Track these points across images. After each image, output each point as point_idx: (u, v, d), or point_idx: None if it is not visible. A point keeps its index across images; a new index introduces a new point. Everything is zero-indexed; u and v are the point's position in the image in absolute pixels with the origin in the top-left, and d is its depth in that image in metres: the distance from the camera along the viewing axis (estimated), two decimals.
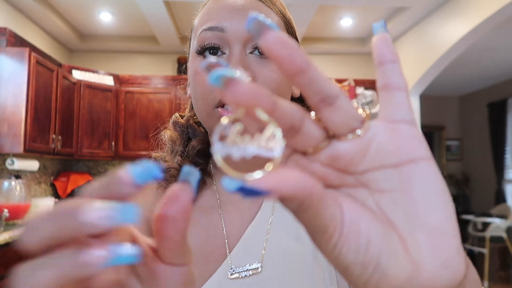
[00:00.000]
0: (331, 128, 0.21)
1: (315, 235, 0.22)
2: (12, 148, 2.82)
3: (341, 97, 0.21)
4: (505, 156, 5.21)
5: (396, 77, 0.22)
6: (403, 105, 0.22)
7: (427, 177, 0.21)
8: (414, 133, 0.22)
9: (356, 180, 0.23)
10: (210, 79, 0.19)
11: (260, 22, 0.20)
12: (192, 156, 0.59)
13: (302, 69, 0.20)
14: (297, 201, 0.20)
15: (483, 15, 2.85)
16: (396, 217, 0.21)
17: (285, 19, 0.56)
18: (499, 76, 5.18)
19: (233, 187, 0.18)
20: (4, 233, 2.12)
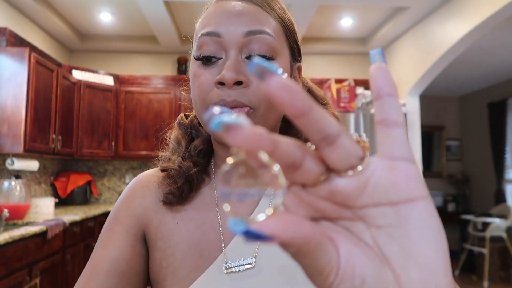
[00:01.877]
0: (331, 165, 0.22)
1: (311, 275, 0.22)
2: (12, 148, 2.82)
3: (342, 136, 0.21)
4: (505, 156, 5.21)
5: (394, 112, 0.22)
6: (401, 141, 0.22)
7: (424, 216, 0.22)
8: (412, 172, 0.22)
9: (353, 214, 0.23)
10: (211, 125, 0.20)
11: (263, 68, 0.20)
12: (194, 156, 0.60)
13: (304, 112, 0.20)
14: (295, 248, 0.20)
15: (483, 15, 2.85)
16: (391, 252, 0.22)
17: (283, 23, 0.56)
18: (499, 76, 5.18)
19: (239, 230, 0.19)
20: (4, 233, 2.12)
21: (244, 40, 0.51)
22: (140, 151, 3.95)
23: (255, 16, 0.52)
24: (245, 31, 0.51)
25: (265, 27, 0.52)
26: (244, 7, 0.53)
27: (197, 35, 0.54)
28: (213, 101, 0.51)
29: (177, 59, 4.37)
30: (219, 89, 0.51)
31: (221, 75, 0.50)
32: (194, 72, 0.54)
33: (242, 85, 0.50)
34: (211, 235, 0.56)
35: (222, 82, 0.50)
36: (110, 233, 0.58)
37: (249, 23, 0.51)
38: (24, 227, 2.36)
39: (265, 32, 0.52)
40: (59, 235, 2.63)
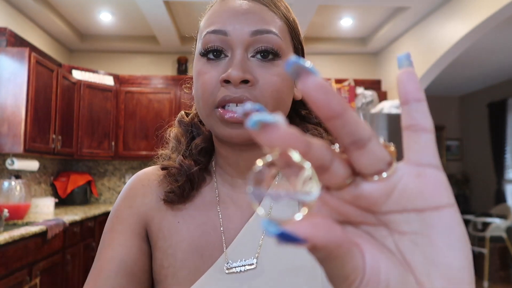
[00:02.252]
0: (358, 169, 0.22)
1: (336, 280, 0.22)
2: (12, 148, 2.82)
3: (372, 141, 0.21)
4: (505, 156, 5.21)
5: (422, 118, 0.22)
6: (429, 148, 0.22)
7: (450, 225, 0.21)
8: (439, 179, 0.22)
9: (377, 220, 0.23)
10: (249, 123, 0.20)
11: (300, 66, 0.20)
12: (195, 155, 0.60)
13: (338, 114, 0.20)
14: (326, 252, 0.20)
15: (483, 15, 2.85)
16: (414, 260, 0.22)
17: (289, 23, 0.56)
18: (499, 76, 5.18)
19: (274, 232, 0.19)
20: (4, 233, 2.12)
21: (251, 39, 0.51)
22: (140, 151, 3.95)
23: (261, 15, 0.52)
24: (252, 30, 0.51)
25: (271, 26, 0.52)
26: (251, 6, 0.53)
27: (202, 33, 0.54)
28: (218, 98, 0.51)
29: (177, 59, 4.37)
30: (225, 87, 0.50)
31: (227, 73, 0.49)
32: (198, 69, 0.54)
33: (248, 84, 0.50)
34: (212, 235, 0.55)
35: (228, 80, 0.50)
36: (113, 233, 0.57)
37: (255, 22, 0.51)
38: (24, 227, 2.36)
39: (272, 32, 0.52)
40: (59, 235, 2.63)
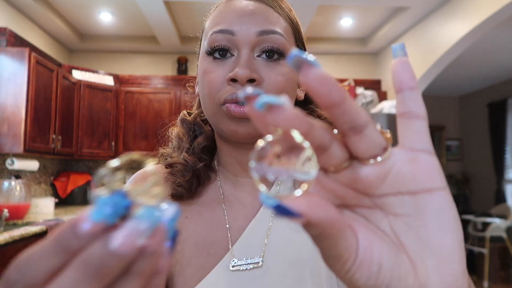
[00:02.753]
0: (355, 153, 0.23)
1: (329, 259, 0.23)
2: (12, 148, 2.82)
3: (369, 126, 0.22)
4: (505, 156, 5.21)
5: (416, 105, 0.23)
6: (422, 134, 0.23)
7: (442, 207, 0.22)
8: (432, 163, 0.23)
9: (372, 202, 0.24)
10: (256, 104, 0.21)
11: (301, 59, 0.21)
12: (197, 153, 0.60)
13: (337, 103, 0.21)
14: (319, 229, 0.21)
15: (483, 15, 2.85)
16: (408, 241, 0.23)
17: (292, 24, 0.57)
18: (499, 76, 5.18)
19: (271, 203, 0.20)
20: (4, 233, 2.12)
21: (257, 39, 0.52)
22: (140, 151, 3.95)
23: (267, 16, 0.53)
24: (258, 30, 0.52)
25: (276, 27, 0.53)
26: (257, 7, 0.54)
27: (208, 33, 0.55)
28: (225, 96, 0.51)
29: (177, 59, 4.37)
30: (231, 86, 0.51)
31: (234, 72, 0.50)
32: (204, 68, 0.54)
33: (254, 83, 0.51)
34: (218, 232, 0.56)
35: (234, 79, 0.51)
36: None
37: (261, 23, 0.53)
38: (24, 227, 2.36)
39: (277, 32, 0.53)
40: None
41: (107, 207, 0.18)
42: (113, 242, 0.18)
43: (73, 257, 0.18)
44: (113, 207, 0.18)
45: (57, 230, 0.18)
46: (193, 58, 4.40)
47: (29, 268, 0.18)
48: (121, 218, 0.19)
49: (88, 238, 0.18)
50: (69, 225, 0.18)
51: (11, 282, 0.19)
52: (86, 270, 0.18)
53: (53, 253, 0.18)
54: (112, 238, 0.18)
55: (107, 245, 0.18)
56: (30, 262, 0.19)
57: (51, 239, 0.18)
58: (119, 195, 0.19)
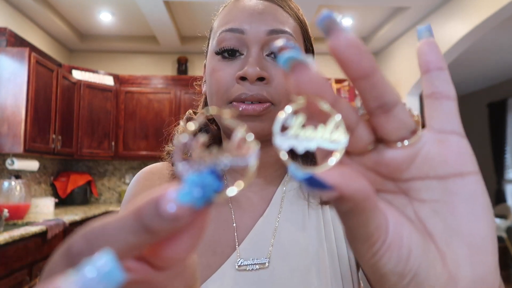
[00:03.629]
0: (382, 135, 0.21)
1: (356, 240, 0.21)
2: (12, 148, 2.82)
3: (399, 106, 0.20)
4: (505, 156, 5.21)
5: (445, 85, 0.22)
6: (452, 115, 0.21)
7: (474, 192, 0.21)
8: (463, 146, 0.21)
9: (396, 187, 0.22)
10: (279, 59, 0.19)
11: (333, 21, 0.19)
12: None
13: (367, 74, 0.19)
14: (352, 204, 0.19)
15: (483, 15, 2.85)
16: (435, 228, 0.21)
17: (301, 23, 0.57)
18: (499, 76, 5.18)
19: (302, 176, 0.18)
20: (4, 233, 2.12)
21: (267, 38, 0.52)
22: (140, 151, 3.95)
23: (276, 16, 0.54)
24: (268, 29, 0.52)
25: (286, 27, 0.53)
26: (266, 6, 0.54)
27: (217, 32, 0.55)
28: (233, 96, 0.51)
29: (177, 59, 4.37)
30: (240, 84, 0.51)
31: (244, 70, 0.50)
32: (213, 66, 0.54)
33: (264, 81, 0.51)
34: (225, 231, 0.56)
35: (244, 77, 0.51)
36: None
37: (271, 22, 0.53)
38: (24, 227, 2.36)
39: (287, 32, 0.53)
40: (59, 235, 2.63)
41: (197, 189, 0.16)
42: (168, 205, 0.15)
43: (153, 239, 0.16)
44: (204, 189, 0.16)
45: (138, 204, 0.16)
46: (193, 58, 4.40)
47: (101, 241, 0.15)
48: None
49: (172, 221, 0.15)
50: (152, 201, 0.15)
51: (75, 252, 0.16)
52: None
53: (132, 229, 0.15)
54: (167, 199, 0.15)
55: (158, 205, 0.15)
56: (103, 234, 0.16)
57: (131, 214, 0.15)
58: (211, 174, 0.16)
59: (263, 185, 0.58)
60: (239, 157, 0.18)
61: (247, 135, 0.18)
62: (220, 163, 0.17)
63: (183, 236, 0.17)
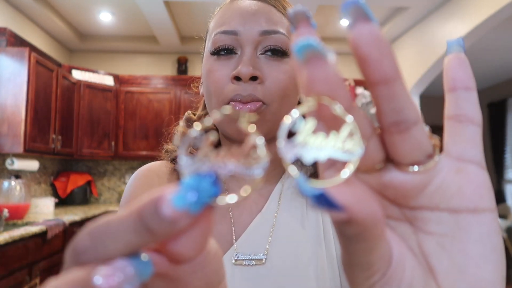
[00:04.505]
0: (394, 155, 0.19)
1: (355, 267, 0.19)
2: (12, 148, 2.82)
3: (418, 126, 0.18)
4: (505, 156, 5.21)
5: (471, 108, 0.19)
6: (475, 142, 0.19)
7: (487, 232, 0.19)
8: (482, 178, 0.19)
9: (401, 214, 0.20)
10: (295, 46, 0.16)
11: (360, 9, 0.16)
12: None
13: (387, 79, 0.17)
14: (360, 229, 0.17)
15: (483, 15, 2.85)
16: (439, 264, 0.19)
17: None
18: (499, 76, 5.18)
19: (311, 192, 0.16)
20: (4, 233, 2.12)
21: (260, 38, 0.53)
22: (140, 151, 3.95)
23: (270, 16, 0.54)
24: (261, 30, 0.53)
25: (279, 27, 0.54)
26: (260, 7, 0.55)
27: (212, 34, 0.56)
28: (229, 96, 0.52)
29: (177, 59, 4.37)
30: (235, 84, 0.52)
31: (238, 70, 0.51)
32: (209, 67, 0.55)
33: (257, 81, 0.52)
34: (223, 226, 0.56)
35: (238, 76, 0.51)
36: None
37: (264, 23, 0.53)
38: (24, 227, 2.36)
39: (280, 32, 0.53)
40: (59, 235, 2.63)
41: (192, 193, 0.15)
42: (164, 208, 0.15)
43: (153, 239, 0.16)
44: (199, 193, 0.15)
45: (139, 204, 0.16)
46: (193, 58, 4.40)
47: (104, 238, 0.16)
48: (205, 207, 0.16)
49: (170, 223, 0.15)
50: (153, 202, 0.15)
51: (81, 250, 0.16)
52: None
53: (134, 228, 0.15)
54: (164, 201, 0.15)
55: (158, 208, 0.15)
56: (106, 231, 0.16)
57: (133, 213, 0.15)
58: (208, 178, 0.15)
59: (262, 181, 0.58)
60: (246, 166, 0.16)
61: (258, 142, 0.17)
62: (224, 168, 0.16)
63: (188, 235, 0.17)
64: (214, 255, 0.19)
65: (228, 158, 0.16)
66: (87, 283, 0.15)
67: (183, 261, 0.18)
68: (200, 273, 0.19)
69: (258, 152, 0.17)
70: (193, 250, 0.17)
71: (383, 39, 0.17)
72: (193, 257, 0.18)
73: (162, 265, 0.17)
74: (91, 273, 0.15)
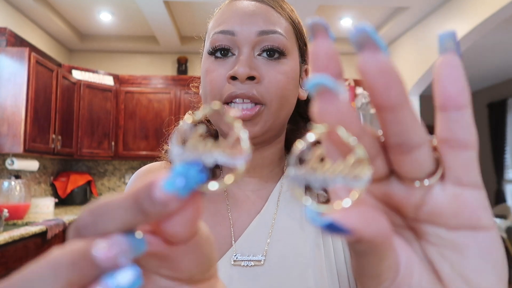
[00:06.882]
0: (397, 170, 0.19)
1: (365, 277, 0.20)
2: (12, 148, 2.82)
3: (422, 149, 0.18)
4: (505, 156, 5.21)
5: (464, 132, 0.18)
6: (470, 167, 0.19)
7: (486, 248, 0.19)
8: (479, 201, 0.19)
9: (403, 222, 0.21)
10: (309, 84, 0.17)
11: (368, 37, 0.17)
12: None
13: (394, 107, 0.17)
14: (369, 246, 0.18)
15: (483, 15, 2.85)
16: (443, 271, 0.20)
17: (294, 24, 0.57)
18: (499, 76, 5.18)
19: (322, 223, 0.17)
20: (4, 233, 2.12)
21: (257, 39, 0.53)
22: (140, 151, 3.95)
23: (267, 16, 0.54)
24: (259, 30, 0.53)
25: (277, 27, 0.54)
26: (257, 7, 0.55)
27: (210, 34, 0.56)
28: (225, 95, 0.52)
29: (177, 59, 4.37)
30: (231, 84, 0.52)
31: (234, 70, 0.51)
32: (206, 67, 0.55)
33: (254, 81, 0.52)
34: (222, 227, 0.56)
35: (235, 76, 0.51)
36: None
37: (262, 23, 0.53)
38: (24, 227, 2.36)
39: (277, 32, 0.53)
40: (59, 235, 2.63)
41: (181, 179, 0.17)
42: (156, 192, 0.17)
43: (147, 219, 0.17)
44: (186, 180, 0.17)
45: (136, 187, 0.17)
46: (193, 58, 4.40)
47: (103, 216, 0.17)
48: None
49: (162, 205, 0.17)
50: (147, 186, 0.17)
51: (82, 225, 0.18)
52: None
53: (130, 208, 0.17)
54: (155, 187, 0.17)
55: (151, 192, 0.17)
56: (105, 210, 0.17)
57: (130, 195, 0.17)
58: (195, 167, 0.17)
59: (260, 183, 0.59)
60: (230, 156, 0.18)
61: (242, 136, 0.18)
62: (210, 158, 0.18)
63: (178, 217, 0.18)
64: (206, 240, 0.21)
65: (214, 148, 0.18)
66: (87, 252, 0.16)
67: (176, 242, 0.19)
68: (191, 255, 0.20)
69: (242, 144, 0.18)
70: (183, 231, 0.19)
71: (390, 68, 0.17)
72: (184, 239, 0.19)
73: (157, 245, 0.19)
74: (91, 244, 0.16)
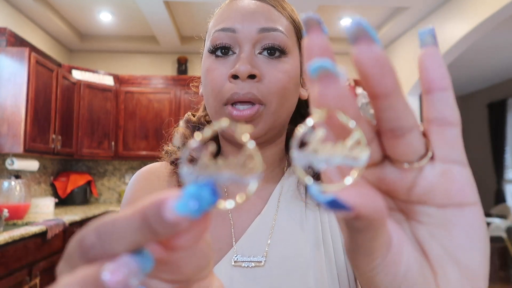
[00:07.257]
0: (390, 154, 0.21)
1: (358, 253, 0.21)
2: (12, 148, 2.82)
3: (413, 132, 0.20)
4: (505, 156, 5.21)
5: (448, 110, 0.20)
6: (455, 143, 0.21)
7: (472, 223, 0.21)
8: (465, 177, 0.21)
9: (394, 205, 0.23)
10: (310, 67, 0.18)
11: (363, 30, 0.18)
12: None
13: (387, 94, 0.19)
14: (366, 222, 0.19)
15: (483, 15, 2.85)
16: (431, 249, 0.22)
17: (294, 23, 0.57)
18: (499, 76, 5.18)
19: (325, 199, 0.17)
20: (4, 233, 2.12)
21: (258, 36, 0.53)
22: (140, 151, 3.95)
23: (268, 14, 0.54)
24: (259, 28, 0.53)
25: (277, 25, 0.54)
26: (258, 6, 0.55)
27: (211, 32, 0.56)
28: (227, 95, 0.52)
29: (177, 59, 4.37)
30: (233, 82, 0.52)
31: (235, 68, 0.51)
32: (207, 66, 0.55)
33: (255, 79, 0.51)
34: (223, 228, 0.56)
35: (236, 75, 0.51)
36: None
37: (263, 21, 0.53)
38: (24, 227, 2.36)
39: (278, 30, 0.53)
40: (59, 235, 2.63)
41: (194, 202, 0.16)
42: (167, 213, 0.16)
43: (155, 238, 0.17)
44: (200, 202, 0.16)
45: (144, 204, 0.16)
46: (193, 58, 4.40)
47: (110, 236, 0.16)
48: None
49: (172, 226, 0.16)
50: (155, 205, 0.16)
51: (88, 246, 0.17)
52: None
53: (138, 228, 0.16)
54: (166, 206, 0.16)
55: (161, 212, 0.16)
56: (112, 229, 0.17)
57: (138, 213, 0.16)
58: (208, 187, 0.17)
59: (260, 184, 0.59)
60: (241, 176, 0.18)
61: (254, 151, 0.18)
62: (222, 177, 0.17)
63: (186, 234, 0.18)
64: (205, 240, 0.21)
65: (225, 168, 0.17)
66: (96, 279, 0.15)
67: (179, 250, 0.19)
68: (192, 258, 0.20)
69: (254, 162, 0.18)
70: (189, 244, 0.18)
71: (383, 58, 0.18)
72: (189, 248, 0.19)
73: (158, 253, 0.19)
74: (99, 270, 0.16)
